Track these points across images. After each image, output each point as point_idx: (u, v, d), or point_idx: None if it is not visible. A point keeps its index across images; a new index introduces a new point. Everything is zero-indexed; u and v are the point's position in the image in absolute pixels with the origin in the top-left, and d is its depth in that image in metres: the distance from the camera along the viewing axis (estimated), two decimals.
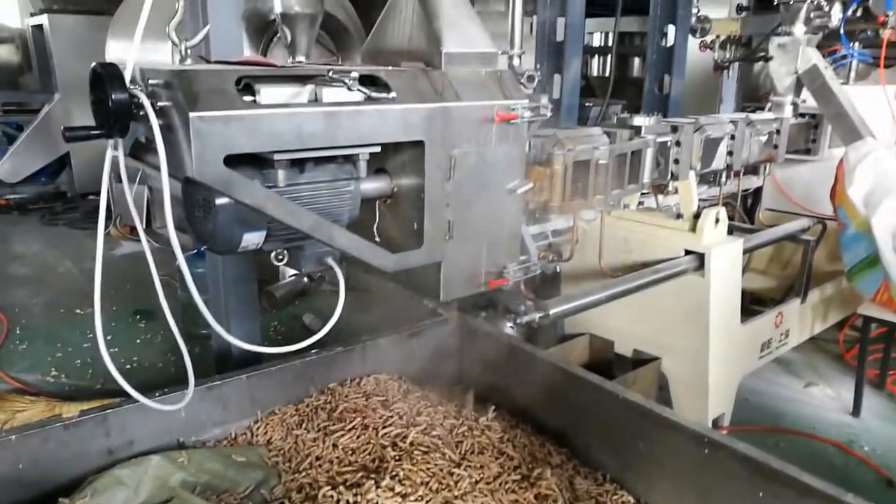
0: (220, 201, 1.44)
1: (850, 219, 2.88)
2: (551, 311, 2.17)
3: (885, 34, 3.10)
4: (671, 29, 3.67)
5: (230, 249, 1.54)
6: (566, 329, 3.08)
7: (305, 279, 4.04)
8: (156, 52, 2.12)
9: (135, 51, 1.42)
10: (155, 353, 3.55)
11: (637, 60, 6.78)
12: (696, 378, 2.68)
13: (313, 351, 2.11)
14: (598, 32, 7.83)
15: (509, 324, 2.50)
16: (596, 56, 7.68)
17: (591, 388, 2.01)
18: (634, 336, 2.84)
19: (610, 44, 7.01)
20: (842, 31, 3.19)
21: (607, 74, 6.64)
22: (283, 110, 1.46)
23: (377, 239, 1.89)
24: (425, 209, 1.78)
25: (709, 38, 3.69)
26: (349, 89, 1.55)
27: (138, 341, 3.67)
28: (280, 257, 1.69)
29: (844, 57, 3.32)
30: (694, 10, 3.72)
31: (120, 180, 1.65)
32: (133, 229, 5.52)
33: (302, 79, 1.55)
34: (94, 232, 1.51)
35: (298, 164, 1.60)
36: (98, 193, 5.58)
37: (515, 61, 2.92)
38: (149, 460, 1.59)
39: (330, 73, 1.53)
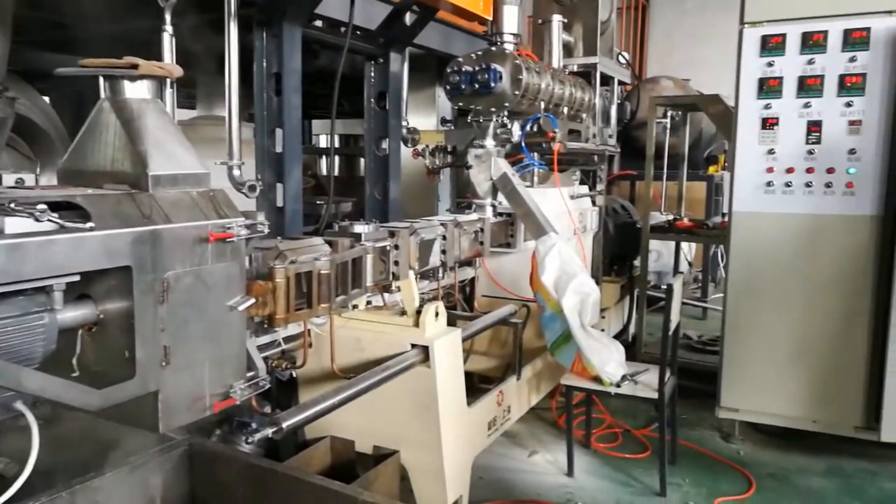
0: None
1: (545, 301, 3.33)
2: (284, 424, 2.14)
3: (555, 147, 3.75)
4: (386, 140, 4.02)
5: None
6: (308, 434, 3.05)
7: None
8: None
9: None
10: None
11: (363, 160, 7.22)
12: (433, 465, 2.82)
13: None
14: (325, 134, 8.19)
15: (244, 440, 2.41)
16: (324, 156, 7.99)
17: (329, 495, 2.01)
18: (373, 432, 2.91)
19: (337, 145, 7.35)
20: (523, 145, 3.78)
21: (336, 174, 6.93)
22: None
23: (76, 373, 1.73)
24: (136, 336, 1.69)
25: (419, 147, 4.09)
26: (37, 220, 1.44)
27: None
28: None
29: (527, 165, 3.91)
30: (404, 122, 4.13)
31: None
32: None
33: None
34: None
35: None
36: None
37: (236, 171, 2.96)
38: None
39: (13, 204, 1.42)
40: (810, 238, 3.49)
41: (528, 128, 3.75)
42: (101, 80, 1.90)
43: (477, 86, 3.56)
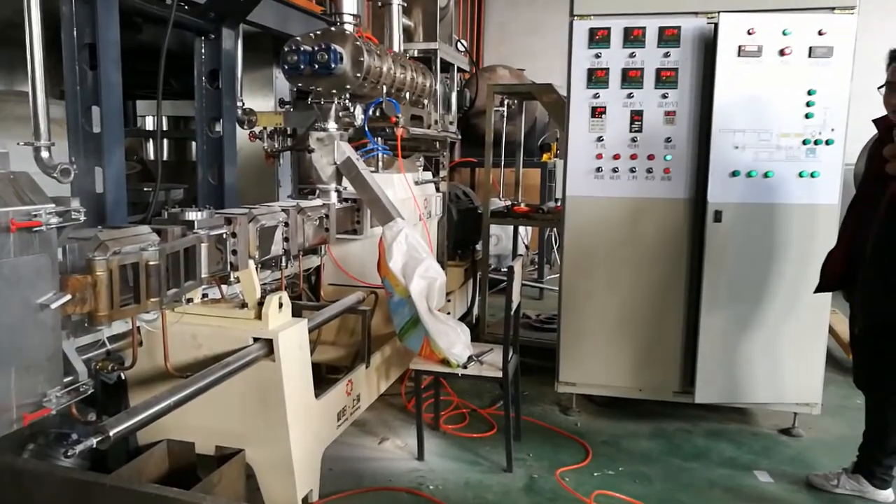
0: None
1: (393, 287, 3.31)
2: (111, 432, 1.93)
3: (398, 132, 3.73)
4: (220, 121, 3.77)
5: None
6: (140, 440, 2.81)
7: None
8: None
9: None
10: None
11: (195, 144, 6.76)
12: (281, 461, 2.71)
13: None
14: (151, 116, 7.57)
15: (63, 453, 2.16)
16: (151, 140, 7.39)
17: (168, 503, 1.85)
18: (216, 432, 2.74)
19: (165, 128, 6.83)
20: (366, 129, 3.72)
21: (165, 159, 6.44)
22: None
23: None
24: None
25: (257, 130, 3.89)
26: None
27: None
28: None
29: (372, 150, 3.86)
30: (239, 103, 3.89)
31: None
32: None
33: None
34: None
35: None
36: None
37: (44, 154, 2.62)
38: None
39: None
40: (634, 220, 3.77)
41: (370, 112, 3.69)
42: None
43: (317, 66, 3.43)
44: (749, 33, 3.44)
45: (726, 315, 3.65)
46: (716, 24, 3.51)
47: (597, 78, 3.72)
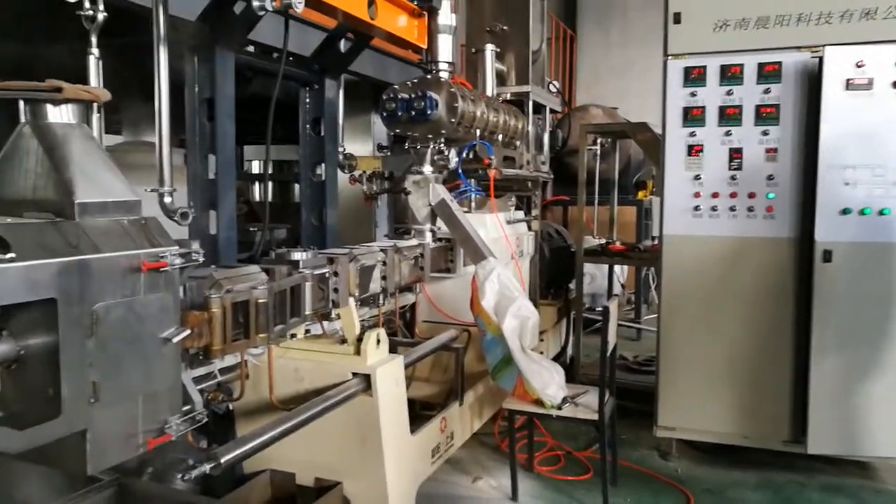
0: None
1: (486, 326, 3.34)
2: (223, 459, 2.06)
3: (491, 173, 3.80)
4: (322, 165, 3.98)
5: None
6: (246, 468, 2.94)
7: None
8: None
9: None
10: None
11: (297, 186, 7.13)
12: (377, 495, 2.76)
13: None
14: (258, 160, 8.06)
15: (179, 477, 2.31)
16: (257, 182, 7.86)
17: None
18: (315, 464, 2.83)
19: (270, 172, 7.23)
20: (460, 171, 3.82)
21: (270, 200, 6.80)
22: None
23: None
24: (62, 372, 1.60)
25: (356, 173, 4.07)
26: None
27: None
28: None
29: (465, 191, 3.95)
30: (340, 149, 4.10)
31: None
32: None
33: None
34: None
35: None
36: None
37: (167, 199, 2.86)
38: None
39: None
40: (736, 259, 3.64)
41: (464, 154, 3.79)
42: (22, 103, 1.81)
43: (413, 113, 3.58)
44: (858, 66, 3.30)
45: (840, 360, 3.43)
46: (820, 58, 3.39)
47: (693, 116, 3.66)
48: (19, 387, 1.65)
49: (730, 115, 3.61)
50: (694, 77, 3.65)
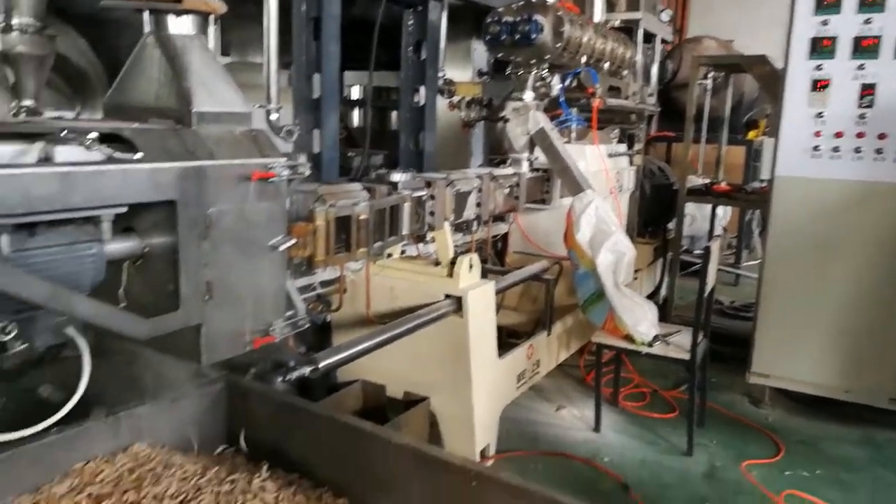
0: None
1: (579, 259, 3.31)
2: (321, 364, 2.18)
3: (595, 103, 3.67)
4: (422, 89, 3.97)
5: None
6: (339, 378, 3.10)
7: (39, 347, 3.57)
8: None
9: None
10: None
11: (395, 113, 7.15)
12: (463, 413, 2.86)
13: (53, 430, 1.88)
14: (358, 86, 8.12)
15: (279, 379, 2.46)
16: (356, 108, 7.93)
17: (362, 435, 2.04)
18: (404, 379, 2.95)
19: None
20: (561, 99, 3.71)
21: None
22: (4, 171, 1.33)
23: (123, 303, 1.76)
24: (181, 270, 1.71)
25: (455, 99, 4.03)
26: (87, 148, 1.45)
27: None
28: (7, 330, 1.50)
29: (566, 121, 3.84)
30: (441, 73, 4.06)
31: None
32: None
33: (29, 136, 1.43)
34: None
35: (28, 228, 1.46)
36: None
37: (273, 116, 2.95)
38: None
39: (65, 133, 1.42)
40: (856, 205, 3.39)
41: (567, 82, 3.67)
42: (146, 14, 1.89)
43: (517, 37, 3.47)
44: None
45: None
46: None
47: (821, 48, 3.37)
48: (143, 281, 1.78)
49: (865, 48, 3.29)
50: (827, 4, 3.34)
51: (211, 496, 1.85)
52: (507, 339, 4.02)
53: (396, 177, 2.65)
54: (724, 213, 7.50)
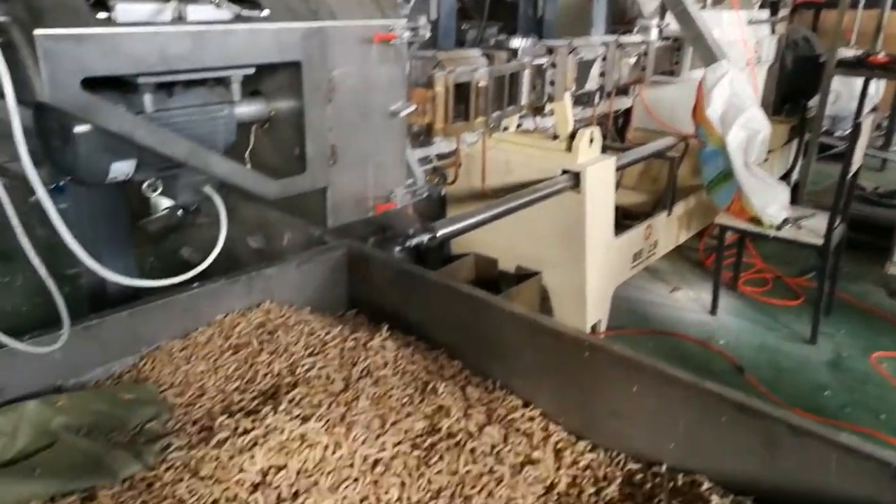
0: (79, 129, 1.35)
1: (707, 136, 3.10)
2: (439, 233, 2.21)
3: None
4: None
5: (98, 180, 1.45)
6: (452, 250, 3.16)
7: (179, 212, 3.85)
8: None
9: None
10: (16, 296, 3.28)
11: None
12: (575, 289, 2.85)
13: (196, 284, 2.05)
14: None
15: (397, 247, 2.53)
16: None
17: (478, 303, 2.09)
18: (517, 253, 2.96)
19: None
20: None
21: None
22: (143, 29, 1.36)
23: (249, 166, 1.83)
24: (306, 133, 1.75)
25: None
26: (217, 7, 1.46)
27: None
28: (153, 187, 1.61)
29: None
30: None
31: None
32: None
33: None
34: None
35: (166, 88, 1.51)
36: None
37: None
38: (24, 406, 1.50)
39: None
40: None
41: None
42: None
43: None
44: None
45: None
46: None
47: None
48: (270, 143, 1.84)
49: None
50: None
51: (336, 350, 1.98)
52: (623, 219, 3.93)
53: (516, 43, 2.54)
54: (877, 89, 6.71)
